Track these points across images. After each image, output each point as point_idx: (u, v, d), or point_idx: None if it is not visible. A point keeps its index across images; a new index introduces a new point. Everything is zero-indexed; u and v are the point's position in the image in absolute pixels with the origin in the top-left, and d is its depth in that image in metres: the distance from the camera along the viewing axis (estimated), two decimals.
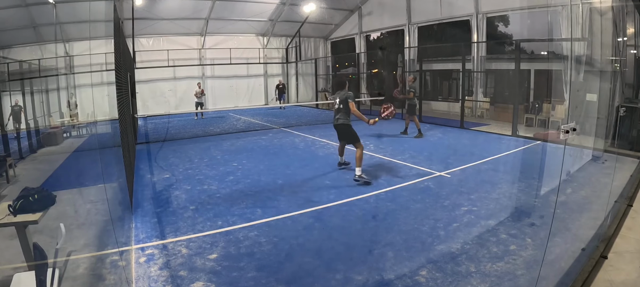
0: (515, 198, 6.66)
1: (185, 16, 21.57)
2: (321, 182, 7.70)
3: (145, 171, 9.32)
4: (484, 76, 17.90)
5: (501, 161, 9.44)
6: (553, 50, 15.30)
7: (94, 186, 7.91)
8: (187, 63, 23.06)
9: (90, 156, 11.99)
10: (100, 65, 19.45)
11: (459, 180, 7.72)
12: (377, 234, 5.34)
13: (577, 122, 6.38)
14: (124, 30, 17.88)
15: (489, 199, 6.52)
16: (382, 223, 5.73)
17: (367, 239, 5.21)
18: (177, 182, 8.09)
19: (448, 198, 6.67)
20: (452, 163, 9.03)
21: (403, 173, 8.31)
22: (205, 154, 11.01)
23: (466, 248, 4.78)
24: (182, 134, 15.11)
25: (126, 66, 11.46)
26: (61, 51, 19.26)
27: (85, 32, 18.89)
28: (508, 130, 12.71)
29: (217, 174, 8.72)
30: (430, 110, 19.19)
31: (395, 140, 12.08)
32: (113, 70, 8.06)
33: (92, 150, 12.84)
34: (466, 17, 18.24)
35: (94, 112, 18.70)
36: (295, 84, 27.21)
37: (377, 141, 12.05)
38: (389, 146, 11.26)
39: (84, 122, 17.28)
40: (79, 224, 5.95)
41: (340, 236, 5.29)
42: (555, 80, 14.09)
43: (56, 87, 19.04)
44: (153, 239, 5.26)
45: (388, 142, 11.86)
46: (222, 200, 6.89)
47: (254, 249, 4.91)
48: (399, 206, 6.40)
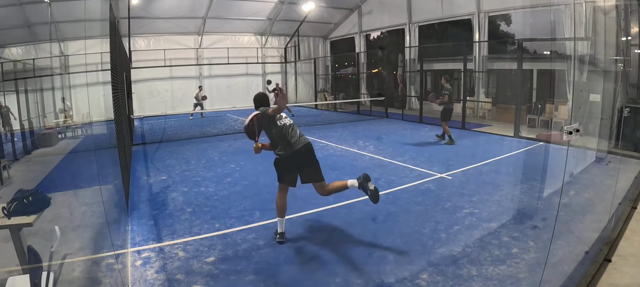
0: (517, 200, 6.67)
1: (182, 15, 21.55)
2: None
3: (141, 172, 9.32)
4: (485, 76, 17.91)
5: (503, 163, 9.44)
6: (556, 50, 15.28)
7: (89, 188, 7.89)
8: (184, 63, 23.09)
9: (85, 157, 11.98)
10: (95, 65, 19.42)
11: (461, 182, 7.73)
12: (377, 237, 5.34)
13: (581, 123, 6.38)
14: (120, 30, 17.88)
15: (491, 201, 6.53)
16: (382, 226, 5.74)
17: (367, 242, 5.21)
18: (174, 184, 8.09)
19: (449, 200, 6.67)
20: (454, 165, 9.03)
21: (403, 175, 8.32)
22: (202, 155, 11.01)
23: (468, 251, 4.79)
24: (179, 135, 15.11)
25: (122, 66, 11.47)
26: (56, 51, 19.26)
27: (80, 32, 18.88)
28: (510, 131, 12.72)
29: (215, 175, 8.72)
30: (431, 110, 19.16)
31: (396, 142, 12.09)
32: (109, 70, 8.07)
33: (88, 151, 12.83)
34: (468, 16, 18.28)
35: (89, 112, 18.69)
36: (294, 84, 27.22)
37: (377, 142, 12.06)
38: (389, 147, 11.26)
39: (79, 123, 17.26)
40: (74, 226, 5.94)
41: (340, 239, 5.29)
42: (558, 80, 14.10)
43: (51, 87, 19.02)
44: (149, 242, 5.26)
45: (388, 143, 11.86)
46: (219, 202, 6.90)
47: (252, 252, 4.91)
48: (400, 208, 6.41)
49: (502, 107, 16.58)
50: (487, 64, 17.93)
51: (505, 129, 13.64)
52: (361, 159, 10.08)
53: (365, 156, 10.39)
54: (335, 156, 10.25)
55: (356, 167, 9.07)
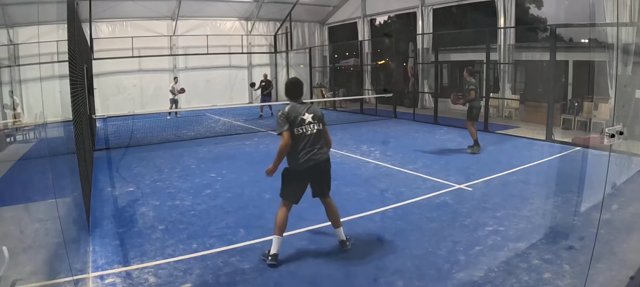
0: (549, 216, 6.69)
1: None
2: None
3: (105, 183, 9.32)
4: (512, 69, 17.96)
5: (533, 171, 9.48)
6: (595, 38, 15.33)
7: (43, 201, 7.89)
8: (155, 53, 23.05)
9: (38, 165, 11.96)
10: (50, 56, 19.44)
11: (482, 194, 7.76)
12: (383, 259, 5.35)
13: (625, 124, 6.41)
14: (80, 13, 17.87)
15: (519, 217, 6.55)
16: (390, 246, 5.75)
17: (372, 264, 5.22)
18: (144, 197, 8.09)
19: (469, 216, 6.69)
20: (474, 173, 9.07)
21: (415, 185, 8.35)
22: (177, 162, 11.01)
23: (491, 276, 4.80)
24: (150, 138, 15.10)
25: (82, 57, 11.47)
26: (3, 38, 19.21)
27: (32, 16, 18.82)
28: (541, 134, 12.77)
29: (192, 186, 8.72)
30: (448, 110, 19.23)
31: (406, 146, 12.12)
32: (66, 62, 8.06)
33: (42, 158, 12.81)
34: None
35: (43, 112, 18.64)
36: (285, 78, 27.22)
37: (384, 147, 12.09)
38: (398, 153, 11.29)
39: (31, 124, 17.21)
40: (26, 247, 5.93)
41: (340, 261, 5.30)
42: (598, 73, 14.14)
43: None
44: (114, 266, 5.25)
45: (397, 148, 11.89)
46: (197, 218, 6.90)
47: (236, 278, 4.91)
48: (410, 225, 6.42)
49: (531, 106, 16.63)
50: (514, 54, 17.94)
51: (535, 131, 13.69)
52: (365, 166, 10.11)
53: (369, 163, 10.42)
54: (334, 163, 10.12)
55: (359, 177, 9.09)
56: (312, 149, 5.38)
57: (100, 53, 20.87)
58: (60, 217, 7.06)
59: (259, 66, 26.31)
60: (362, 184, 8.57)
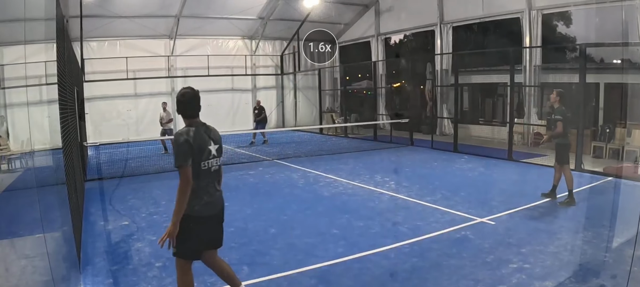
0: (579, 252, 6.69)
1: (150, 13, 21.68)
2: (327, 231, 7.75)
3: (97, 216, 9.38)
4: (538, 92, 17.98)
5: None
6: (629, 58, 15.38)
7: (30, 236, 7.97)
8: (151, 75, 23.20)
9: (25, 196, 12.04)
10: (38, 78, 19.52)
11: (506, 228, 7.78)
12: None
13: None
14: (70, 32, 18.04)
15: (546, 254, 6.56)
16: (406, 285, 5.78)
17: None
18: (139, 231, 8.16)
19: (492, 252, 6.71)
20: (497, 206, 9.08)
21: (433, 219, 8.38)
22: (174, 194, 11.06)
23: None
24: (146, 167, 15.22)
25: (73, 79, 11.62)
26: None
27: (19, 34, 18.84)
28: (570, 163, 12.74)
29: None
30: (469, 136, 19.27)
31: (423, 176, 12.14)
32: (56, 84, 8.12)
33: (28, 189, 12.91)
34: (516, 14, 18.42)
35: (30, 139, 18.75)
36: (293, 102, 27.28)
37: (399, 177, 12.12)
38: (415, 184, 11.32)
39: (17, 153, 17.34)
40: (11, 286, 6.00)
41: None
42: (631, 97, 14.15)
43: None
44: None
45: (413, 178, 11.92)
46: None
47: None
48: (428, 262, 6.45)
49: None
50: (540, 76, 17.99)
51: None
52: (379, 198, 10.15)
53: (384, 194, 10.46)
54: (345, 195, 10.32)
55: (373, 210, 9.12)
56: (215, 191, 4.80)
57: (93, 75, 21.08)
58: (48, 254, 7.12)
59: (265, 89, 26.48)
60: (375, 218, 8.59)
